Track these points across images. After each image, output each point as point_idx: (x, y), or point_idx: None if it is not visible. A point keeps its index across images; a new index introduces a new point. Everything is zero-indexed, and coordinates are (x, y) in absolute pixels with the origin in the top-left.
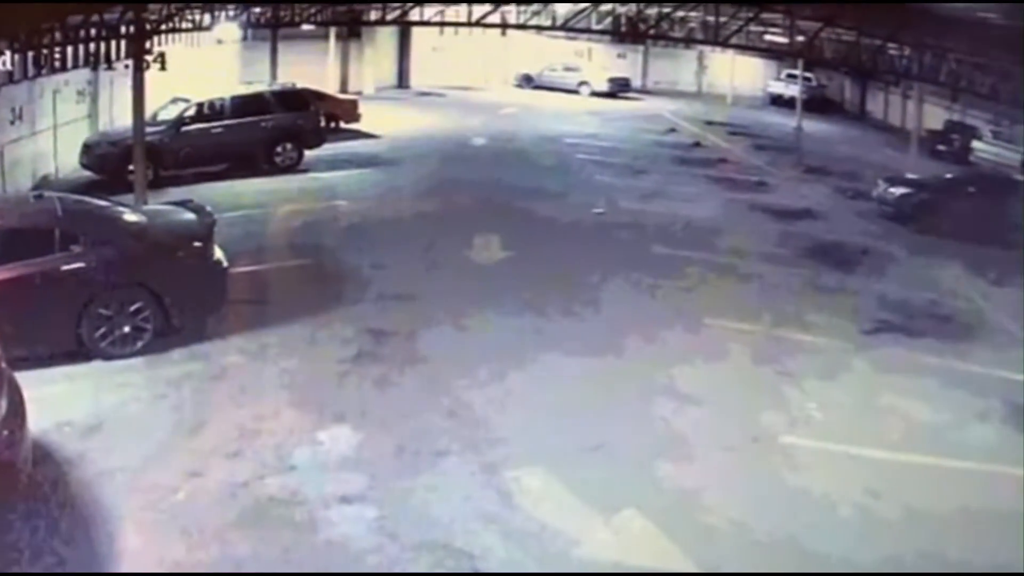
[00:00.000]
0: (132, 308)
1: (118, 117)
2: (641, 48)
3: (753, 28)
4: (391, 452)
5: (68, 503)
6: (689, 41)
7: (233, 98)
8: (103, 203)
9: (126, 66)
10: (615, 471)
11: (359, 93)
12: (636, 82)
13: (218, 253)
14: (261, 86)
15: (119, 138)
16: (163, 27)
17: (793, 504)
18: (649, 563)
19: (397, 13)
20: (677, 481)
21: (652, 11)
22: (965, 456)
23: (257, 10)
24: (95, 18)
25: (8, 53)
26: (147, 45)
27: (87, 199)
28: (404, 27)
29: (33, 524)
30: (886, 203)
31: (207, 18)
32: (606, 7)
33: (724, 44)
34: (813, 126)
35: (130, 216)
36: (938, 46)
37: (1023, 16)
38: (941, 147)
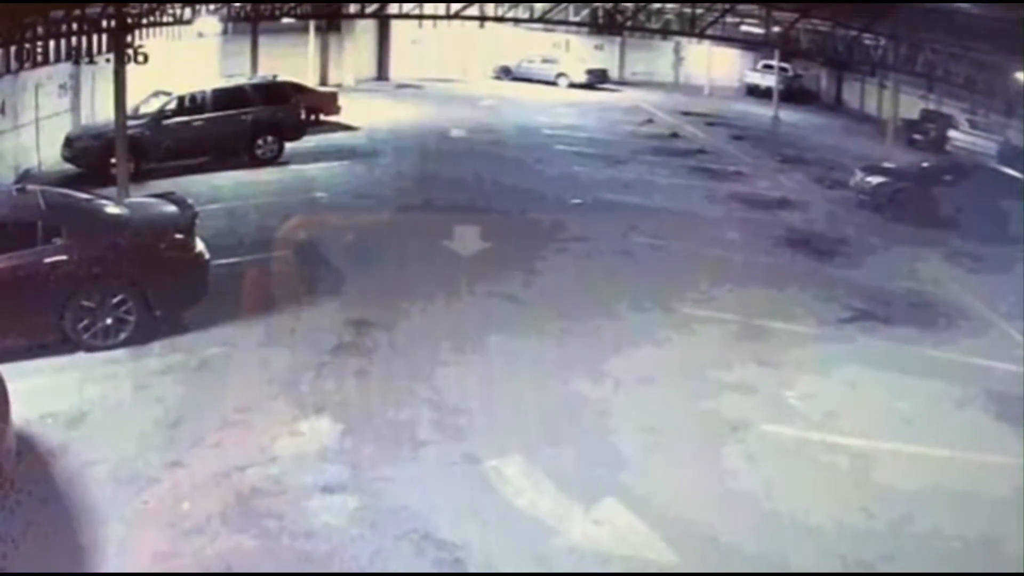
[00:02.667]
0: (114, 300)
1: (100, 111)
2: (618, 39)
3: (729, 19)
4: (372, 442)
5: (51, 494)
6: (666, 32)
7: (214, 91)
8: (85, 196)
9: (107, 60)
10: (594, 459)
11: (339, 86)
12: (614, 73)
13: (200, 245)
14: (242, 79)
15: (101, 131)
16: (144, 21)
17: (773, 493)
18: (629, 552)
19: (376, 6)
20: (656, 469)
21: (629, 3)
22: (944, 444)
23: (237, 4)
24: (77, 12)
25: None
26: (128, 39)
27: (70, 192)
28: (383, 20)
29: (16, 516)
30: (863, 192)
31: (188, 12)
32: None
33: (701, 35)
34: (790, 116)
35: (112, 209)
36: (913, 36)
37: None
38: (917, 136)
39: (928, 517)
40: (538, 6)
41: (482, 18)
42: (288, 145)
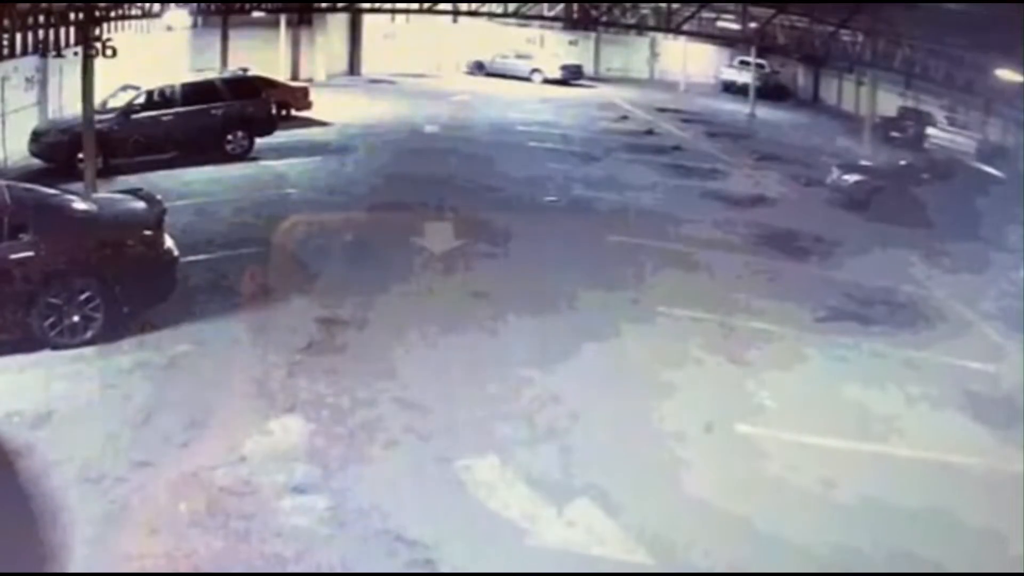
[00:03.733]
0: (82, 297)
1: (67, 105)
2: (593, 35)
3: (705, 15)
4: (343, 442)
5: (16, 494)
6: (641, 28)
7: (183, 85)
8: (52, 191)
9: (75, 53)
10: (567, 460)
11: (310, 80)
12: (588, 69)
13: (168, 242)
14: (211, 73)
15: (68, 126)
16: (112, 14)
17: (748, 494)
18: (603, 553)
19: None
20: (629, 469)
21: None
22: (920, 445)
23: None
24: (44, 5)
25: None
26: (96, 32)
27: (36, 187)
28: (355, 14)
29: None
30: (840, 190)
31: (156, 5)
32: None
33: (676, 31)
34: (766, 113)
35: (79, 204)
36: (891, 32)
37: None
38: (895, 134)
39: (905, 519)
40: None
41: (455, 12)
42: (258, 140)
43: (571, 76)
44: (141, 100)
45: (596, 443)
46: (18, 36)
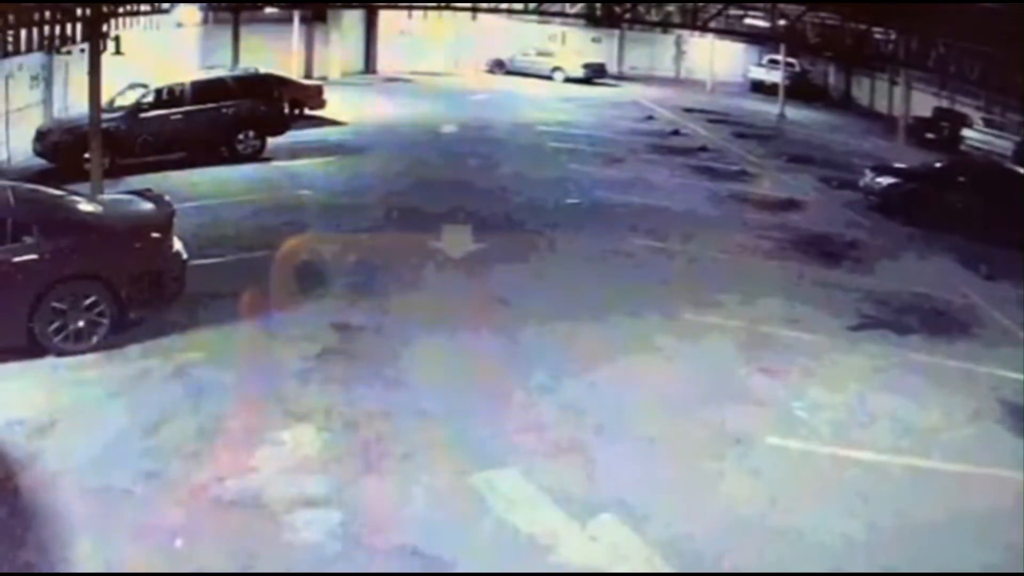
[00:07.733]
0: (87, 302)
1: (73, 103)
2: (617, 33)
3: (733, 12)
4: (357, 453)
5: (18, 505)
6: (667, 25)
7: (193, 83)
8: (57, 192)
9: (82, 50)
10: (590, 473)
11: (324, 78)
12: (612, 68)
13: (177, 244)
14: (222, 71)
15: (74, 125)
16: (120, 10)
17: (780, 509)
18: (627, 570)
19: None
20: (656, 484)
21: None
22: (957, 458)
23: None
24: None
25: None
26: (104, 28)
27: (40, 188)
28: (371, 10)
29: None
30: (873, 193)
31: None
32: None
33: (703, 28)
34: (796, 113)
35: (85, 206)
36: (926, 30)
37: None
38: (930, 135)
39: (940, 534)
40: None
41: (475, 9)
42: (271, 140)
43: (594, 75)
44: (150, 98)
45: (621, 456)
46: (23, 32)
